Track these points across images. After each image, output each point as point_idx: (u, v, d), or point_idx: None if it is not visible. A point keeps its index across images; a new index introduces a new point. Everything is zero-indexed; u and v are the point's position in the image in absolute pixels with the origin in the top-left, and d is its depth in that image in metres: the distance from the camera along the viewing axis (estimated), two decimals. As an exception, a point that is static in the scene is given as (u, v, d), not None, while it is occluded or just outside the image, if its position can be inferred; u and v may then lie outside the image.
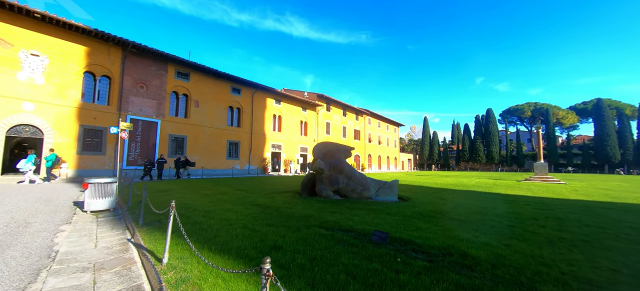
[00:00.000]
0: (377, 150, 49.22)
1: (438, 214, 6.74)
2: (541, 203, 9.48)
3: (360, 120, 44.82)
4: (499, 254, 3.75)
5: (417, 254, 3.73)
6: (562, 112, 60.37)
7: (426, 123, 69.65)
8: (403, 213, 6.67)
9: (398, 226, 5.25)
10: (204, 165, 22.34)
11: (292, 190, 11.32)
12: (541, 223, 5.97)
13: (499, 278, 2.96)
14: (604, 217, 6.97)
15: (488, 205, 8.53)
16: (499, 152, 60.14)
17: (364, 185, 9.31)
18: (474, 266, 3.30)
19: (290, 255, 3.49)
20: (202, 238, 4.17)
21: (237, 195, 9.74)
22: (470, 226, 5.48)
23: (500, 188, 15.44)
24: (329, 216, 6.07)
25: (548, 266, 3.38)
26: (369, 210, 6.99)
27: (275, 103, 30.02)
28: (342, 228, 5.02)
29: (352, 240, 4.23)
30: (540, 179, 21.01)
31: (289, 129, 31.56)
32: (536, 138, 27.52)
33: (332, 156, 9.62)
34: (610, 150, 48.42)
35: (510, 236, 4.80)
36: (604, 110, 50.00)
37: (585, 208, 8.43)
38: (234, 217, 5.72)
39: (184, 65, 21.41)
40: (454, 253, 3.72)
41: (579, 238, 4.77)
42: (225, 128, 24.70)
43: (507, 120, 67.59)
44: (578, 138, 63.88)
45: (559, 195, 12.32)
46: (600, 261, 3.62)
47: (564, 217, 6.86)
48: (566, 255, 3.82)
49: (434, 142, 68.59)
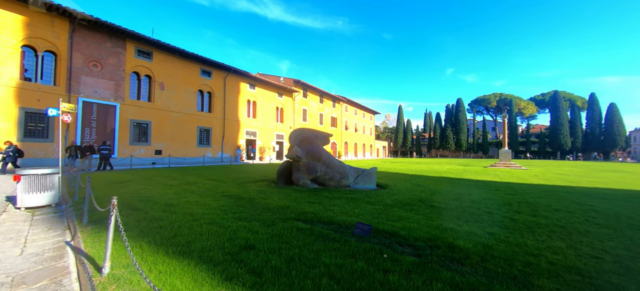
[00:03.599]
0: (354, 138, 49.61)
1: (418, 202, 6.61)
2: (509, 188, 9.85)
3: (337, 107, 44.60)
4: (485, 244, 3.59)
5: (403, 248, 3.45)
6: (523, 103, 64.77)
7: (400, 111, 71.35)
8: (383, 202, 6.45)
9: (380, 217, 4.98)
10: (172, 153, 20.84)
11: (267, 179, 10.76)
12: (516, 209, 6.05)
13: (492, 273, 2.75)
14: (568, 201, 7.30)
15: (463, 191, 8.64)
16: (467, 139, 63.51)
17: (342, 173, 9.01)
18: (463, 260, 3.08)
19: (264, 255, 3.03)
20: (158, 239, 3.56)
21: (207, 185, 8.99)
22: (451, 214, 5.37)
23: (470, 174, 16.05)
24: (307, 207, 5.66)
25: (535, 256, 3.26)
26: (349, 199, 6.69)
27: (250, 88, 28.66)
28: (321, 220, 4.63)
29: (333, 234, 3.86)
30: (504, 165, 22.31)
31: (265, 115, 30.46)
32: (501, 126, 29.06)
33: (309, 143, 9.16)
34: (562, 138, 53.11)
35: (491, 224, 4.73)
36: (559, 102, 54.38)
37: (549, 193, 8.86)
38: (200, 211, 5.10)
39: (145, 43, 19.40)
40: (441, 245, 3.50)
41: (554, 223, 4.82)
42: (195, 114, 23.13)
43: (475, 109, 71.28)
44: (536, 127, 69.23)
45: (523, 179, 13.00)
46: (581, 248, 3.59)
47: (534, 201, 7.07)
48: (548, 243, 3.77)
49: (408, 130, 70.70)
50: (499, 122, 69.52)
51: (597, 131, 52.35)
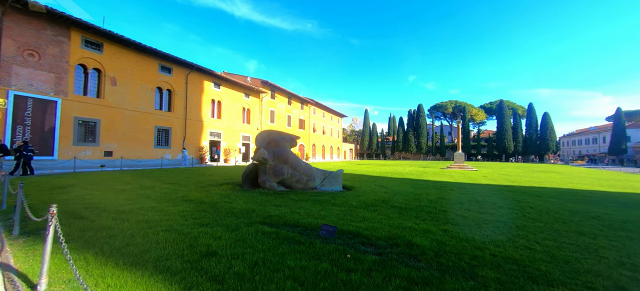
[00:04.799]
0: (321, 140, 50.10)
1: (381, 203, 6.91)
2: (462, 188, 10.75)
3: (305, 109, 44.70)
4: (439, 240, 3.89)
5: (366, 247, 3.59)
6: (474, 110, 71.12)
7: (367, 115, 73.84)
8: (349, 204, 6.63)
9: (345, 218, 5.12)
10: (125, 154, 19.12)
11: (232, 182, 10.40)
12: (466, 207, 6.64)
13: (444, 267, 2.99)
14: (510, 199, 8.20)
15: (422, 192, 9.23)
16: (427, 143, 67.87)
17: (309, 175, 9.07)
18: (420, 256, 3.31)
19: (227, 262, 2.94)
20: (107, 249, 3.26)
21: (165, 189, 8.42)
22: (410, 214, 5.71)
23: (428, 175, 17.18)
24: (273, 210, 5.60)
25: (481, 249, 3.62)
26: (315, 202, 6.76)
27: (214, 87, 27.47)
28: (287, 223, 4.62)
29: (299, 236, 3.88)
30: (458, 167, 24.25)
31: (230, 116, 29.40)
32: (456, 131, 31.50)
33: (276, 145, 9.07)
34: (506, 142, 59.31)
35: (445, 221, 5.13)
36: (504, 110, 60.70)
37: (495, 191, 9.86)
38: (156, 218, 4.76)
39: (94, 32, 17.57)
40: (400, 243, 3.71)
41: (497, 220, 5.39)
42: (152, 113, 21.51)
43: (434, 114, 76.50)
44: (485, 132, 76.41)
45: (474, 180, 14.29)
46: (518, 240, 4.07)
47: (482, 200, 7.82)
48: (492, 237, 4.20)
49: (373, 133, 73.37)
50: (454, 127, 75.48)
51: (534, 136, 59.45)
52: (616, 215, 6.21)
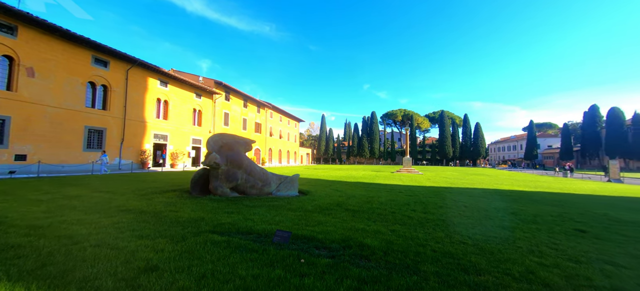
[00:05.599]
0: (278, 144, 49.46)
1: (335, 206, 7.08)
2: (409, 190, 11.63)
3: (261, 112, 43.71)
4: (388, 240, 4.14)
5: (319, 251, 3.64)
6: (420, 119, 77.67)
7: (324, 120, 75.25)
8: (304, 208, 6.65)
9: (300, 223, 5.12)
10: (44, 158, 16.30)
11: (178, 189, 9.61)
12: (412, 208, 7.19)
13: (392, 265, 3.19)
14: (449, 199, 9.13)
15: (374, 195, 9.72)
16: (379, 148, 71.87)
17: (264, 180, 8.87)
18: (370, 256, 3.47)
19: (170, 276, 2.70)
20: (15, 272, 2.72)
21: (96, 198, 7.39)
22: (363, 216, 5.97)
23: (380, 178, 18.20)
24: (224, 217, 5.32)
25: (423, 246, 3.95)
26: (270, 207, 6.63)
27: (161, 86, 25.20)
28: (240, 230, 4.44)
29: (252, 244, 3.76)
30: (407, 171, 26.16)
31: (179, 117, 27.24)
32: (405, 138, 33.99)
33: (230, 149, 8.68)
34: (447, 148, 66.03)
35: (393, 222, 5.48)
36: (444, 119, 67.59)
37: (436, 193, 10.88)
38: (83, 232, 4.15)
39: (4, 13, 14.75)
40: (352, 245, 3.84)
41: (438, 218, 5.95)
42: (82, 111, 18.80)
43: (386, 122, 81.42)
44: (429, 139, 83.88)
45: (419, 183, 15.57)
46: (454, 236, 4.54)
47: (426, 201, 8.55)
48: (433, 234, 4.62)
49: (330, 138, 75.03)
50: (403, 134, 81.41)
51: (469, 143, 67.37)
52: (529, 210, 7.35)
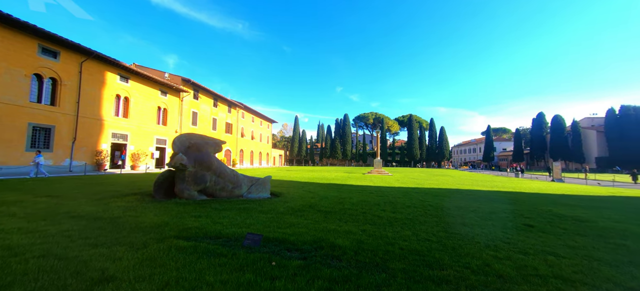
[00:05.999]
0: (250, 146, 48.30)
1: (308, 208, 7.09)
2: (379, 191, 12.01)
3: (233, 113, 42.39)
4: (359, 240, 4.23)
5: (291, 253, 3.62)
6: (391, 122, 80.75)
7: (297, 122, 74.98)
8: (276, 210, 6.57)
9: (271, 225, 5.05)
10: (-24, 159, 14.26)
11: (140, 192, 8.97)
12: (382, 208, 7.43)
13: (362, 264, 3.27)
14: (416, 199, 9.58)
15: (346, 196, 9.89)
16: (352, 150, 73.33)
17: (235, 182, 8.61)
18: (341, 256, 3.52)
19: (128, 286, 2.51)
20: None
21: (41, 204, 6.64)
22: (335, 217, 6.04)
23: (352, 180, 18.56)
24: (191, 222, 5.07)
25: (392, 244, 4.10)
26: (241, 210, 6.45)
27: (121, 81, 23.36)
28: (208, 235, 4.26)
29: (221, 248, 3.62)
30: (377, 172, 26.98)
31: (141, 115, 25.44)
32: (376, 140, 35.06)
33: (198, 150, 8.30)
34: (415, 150, 69.28)
35: (364, 222, 5.62)
36: (413, 123, 70.93)
37: (404, 193, 11.36)
38: (25, 242, 3.70)
39: None
40: (324, 246, 3.87)
41: (406, 218, 6.21)
42: (25, 106, 16.79)
43: (358, 124, 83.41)
44: (399, 142, 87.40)
45: (389, 184, 16.14)
46: (420, 234, 4.78)
47: (395, 201, 8.89)
48: (401, 233, 4.82)
49: (303, 140, 74.95)
50: (374, 136, 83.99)
51: (434, 146, 71.37)
52: (486, 208, 7.97)
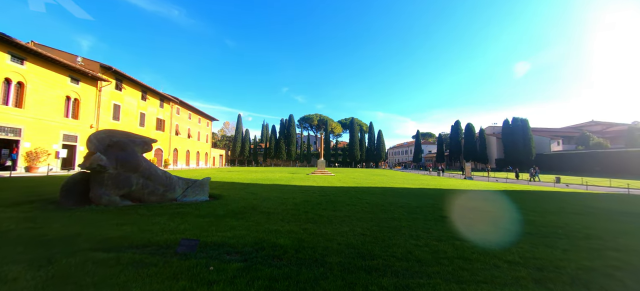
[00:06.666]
0: (186, 145, 44.31)
1: (250, 209, 6.95)
2: (322, 190, 12.46)
3: (166, 108, 38.25)
4: (300, 239, 4.38)
5: (231, 256, 3.54)
6: (334, 124, 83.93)
7: (240, 120, 71.85)
8: (215, 213, 6.27)
9: (210, 229, 4.82)
10: None
11: (40, 199, 7.45)
12: (324, 207, 7.76)
13: (302, 261, 3.42)
14: (355, 197, 10.26)
15: (289, 196, 9.99)
16: (296, 150, 73.71)
17: (167, 184, 7.88)
18: (282, 255, 3.61)
19: (28, 309, 2.13)
20: None
21: None
22: (277, 217, 6.08)
23: (296, 180, 18.75)
24: (112, 231, 4.49)
25: (331, 240, 4.37)
26: (175, 215, 5.96)
27: (13, 61, 18.86)
28: (134, 244, 3.84)
29: (150, 257, 3.33)
30: (321, 172, 27.79)
31: (42, 105, 20.96)
32: (320, 141, 36.05)
33: (121, 149, 7.32)
34: (356, 152, 73.48)
35: (306, 221, 5.81)
36: (354, 126, 75.14)
37: (345, 192, 12.05)
38: None
39: None
40: (265, 247, 3.90)
41: (345, 215, 6.64)
42: None
43: (302, 125, 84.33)
44: (341, 143, 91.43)
45: (331, 183, 16.85)
46: (357, 229, 5.19)
47: (335, 200, 9.37)
48: (340, 229, 5.15)
49: (246, 140, 72.20)
50: (318, 137, 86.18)
51: (373, 148, 76.99)
52: (413, 203, 9.04)
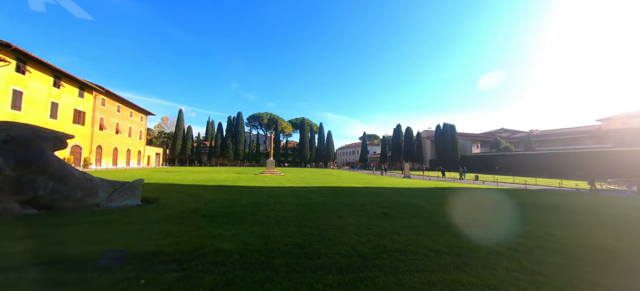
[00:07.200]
0: (114, 141, 38.71)
1: (190, 213, 6.45)
2: (271, 191, 12.25)
3: (87, 98, 32.79)
4: (245, 242, 4.24)
5: (167, 265, 3.24)
6: (285, 123, 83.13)
7: (181, 116, 65.80)
8: (148, 219, 5.65)
9: (142, 237, 4.32)
10: None
11: None
12: (272, 208, 7.65)
13: (248, 265, 3.32)
14: (303, 197, 10.35)
15: (235, 197, 9.56)
16: (244, 150, 70.85)
17: (87, 188, 6.79)
18: (226, 260, 3.45)
19: None
20: None
21: None
22: (221, 221, 5.77)
23: (243, 181, 18.04)
24: (12, 246, 3.67)
25: (278, 242, 4.34)
26: (96, 223, 5.17)
27: None
28: (39, 261, 3.21)
29: (62, 274, 2.83)
30: (270, 172, 27.28)
31: None
32: (270, 141, 35.40)
33: (24, 146, 6.04)
34: (306, 152, 74.10)
35: (253, 223, 5.65)
36: (305, 126, 75.68)
37: (294, 192, 12.06)
38: None
39: None
40: (207, 253, 3.67)
41: (293, 215, 6.65)
42: None
43: (252, 123, 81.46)
44: (291, 143, 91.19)
45: (281, 184, 16.69)
46: (304, 229, 5.26)
47: (284, 200, 9.32)
48: (287, 230, 5.15)
49: (188, 137, 66.51)
50: (268, 137, 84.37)
51: (322, 148, 78.70)
52: (358, 201, 9.54)
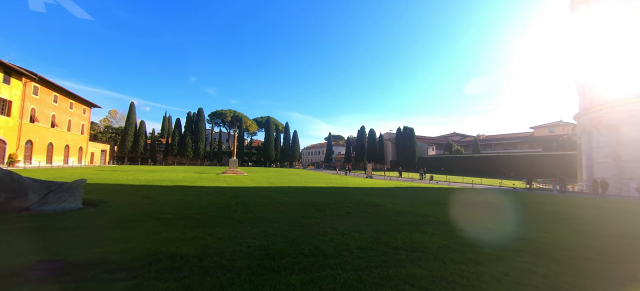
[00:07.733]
0: (49, 136, 33.99)
1: (142, 216, 5.95)
2: (233, 192, 11.83)
3: (15, 85, 28.31)
4: (205, 245, 4.05)
5: (113, 275, 2.95)
6: (249, 122, 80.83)
7: (132, 109, 60.15)
8: (92, 224, 5.09)
9: (83, 245, 3.88)
10: None
11: None
12: (234, 209, 7.40)
13: (206, 269, 3.17)
14: (268, 198, 10.19)
15: (194, 199, 9.06)
16: (205, 148, 67.24)
17: (14, 190, 5.90)
18: (183, 266, 3.26)
19: None
20: None
21: None
22: (179, 224, 5.43)
23: (204, 181, 17.14)
24: None
25: (240, 244, 4.22)
26: (26, 230, 4.52)
27: None
28: (-54, 276, 2.70)
29: (-22, 292, 2.42)
30: (233, 172, 26.30)
31: None
32: (233, 139, 34.12)
33: None
34: (271, 151, 72.86)
35: (213, 225, 5.41)
36: (270, 125, 74.35)
37: (258, 192, 11.81)
38: None
39: None
40: (162, 259, 3.43)
41: (256, 216, 6.51)
42: None
43: (214, 121, 77.75)
44: (256, 142, 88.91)
45: (244, 184, 16.20)
46: (268, 230, 5.18)
47: (247, 201, 9.08)
48: (250, 231, 5.03)
49: (141, 133, 61.07)
50: (232, 135, 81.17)
51: (288, 148, 78.06)
52: (323, 201, 9.67)
